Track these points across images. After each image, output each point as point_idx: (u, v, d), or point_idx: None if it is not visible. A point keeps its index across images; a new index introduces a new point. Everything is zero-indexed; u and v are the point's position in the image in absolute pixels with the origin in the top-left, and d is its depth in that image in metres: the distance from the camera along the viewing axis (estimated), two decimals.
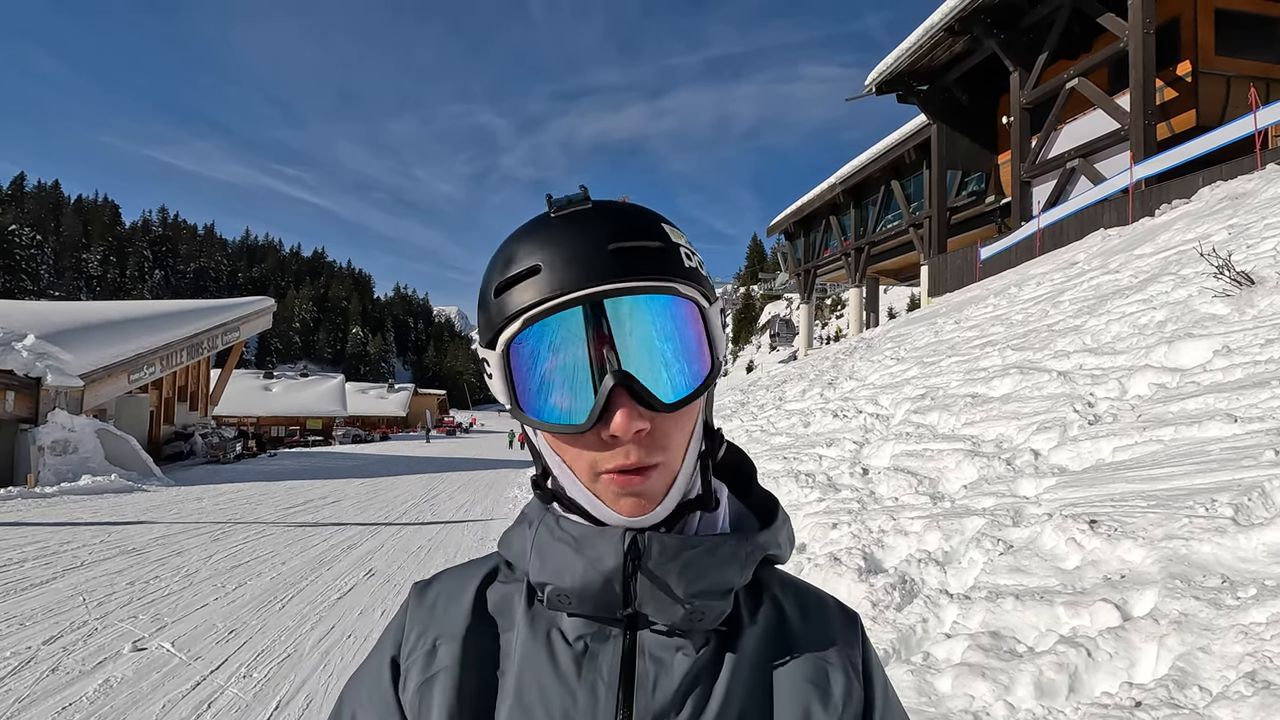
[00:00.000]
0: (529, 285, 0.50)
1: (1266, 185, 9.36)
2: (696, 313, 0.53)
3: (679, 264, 0.52)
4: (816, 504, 5.34)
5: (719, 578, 0.53)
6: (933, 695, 2.59)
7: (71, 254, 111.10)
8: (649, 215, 0.54)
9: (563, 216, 0.53)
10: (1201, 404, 4.17)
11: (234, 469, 21.72)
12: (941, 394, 6.91)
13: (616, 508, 0.52)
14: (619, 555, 0.52)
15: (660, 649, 0.54)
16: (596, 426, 0.50)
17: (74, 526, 9.37)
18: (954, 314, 12.29)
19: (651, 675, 0.53)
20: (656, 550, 0.52)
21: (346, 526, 9.79)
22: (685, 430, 0.54)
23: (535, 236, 0.52)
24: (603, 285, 0.49)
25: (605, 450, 0.51)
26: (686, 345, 0.52)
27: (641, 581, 0.52)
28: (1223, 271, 5.67)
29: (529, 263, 0.51)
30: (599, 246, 0.50)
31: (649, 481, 0.51)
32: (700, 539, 0.54)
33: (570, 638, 0.55)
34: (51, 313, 20.30)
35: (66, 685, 3.79)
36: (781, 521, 0.60)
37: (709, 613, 0.54)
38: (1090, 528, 3.21)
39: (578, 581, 0.52)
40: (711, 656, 0.55)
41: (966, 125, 20.75)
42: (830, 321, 68.49)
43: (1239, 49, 14.92)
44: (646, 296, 0.51)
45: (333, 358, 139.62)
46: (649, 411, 0.50)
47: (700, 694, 0.53)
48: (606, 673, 0.53)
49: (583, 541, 0.53)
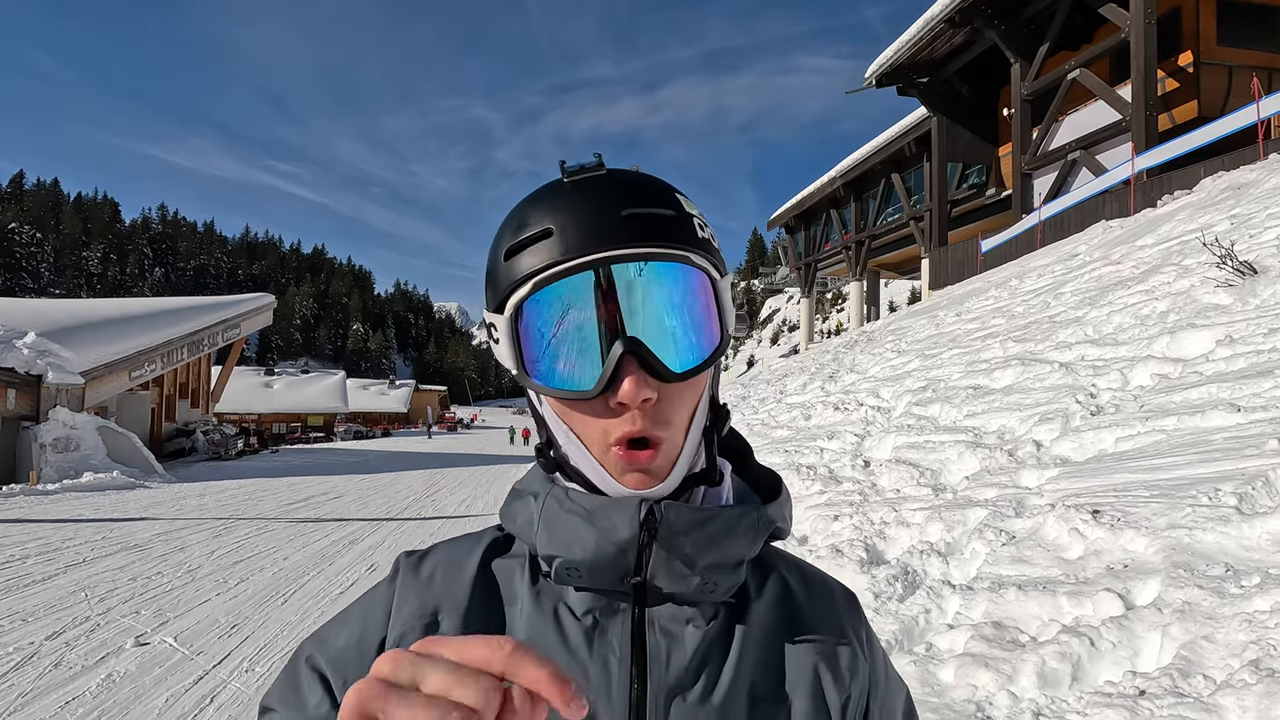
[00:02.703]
0: (540, 248, 0.50)
1: (1269, 175, 9.33)
2: (708, 283, 0.53)
3: (692, 233, 0.52)
4: (818, 496, 5.33)
5: (732, 549, 0.53)
6: (936, 685, 2.59)
7: (71, 252, 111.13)
8: (662, 184, 0.54)
9: (576, 182, 0.52)
10: (1204, 394, 4.15)
11: (235, 465, 21.76)
12: (943, 386, 6.90)
13: (624, 481, 0.51)
14: (634, 526, 0.51)
15: (670, 622, 0.53)
16: (604, 394, 0.49)
17: (76, 523, 9.38)
18: (955, 306, 12.26)
19: (664, 648, 0.53)
20: (673, 520, 0.51)
21: (348, 522, 9.80)
22: (691, 402, 0.53)
23: (548, 201, 0.52)
24: (615, 250, 0.49)
25: (612, 417, 0.50)
26: (696, 315, 0.52)
27: (656, 553, 0.51)
28: (1225, 261, 5.64)
29: (541, 226, 0.50)
30: (612, 212, 0.50)
31: (654, 459, 0.51)
32: (714, 509, 0.53)
33: (578, 612, 0.54)
34: (52, 310, 20.30)
35: (70, 680, 3.79)
36: (785, 497, 0.59)
37: (721, 584, 0.53)
38: (1093, 518, 3.20)
39: (589, 554, 0.51)
40: (721, 629, 0.54)
41: (967, 117, 20.66)
42: (831, 315, 68.48)
43: (1241, 39, 14.85)
44: (658, 264, 0.50)
45: (333, 354, 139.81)
46: (656, 381, 0.49)
47: (714, 666, 0.53)
48: (618, 646, 0.52)
49: (595, 513, 0.51)
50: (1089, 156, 15.62)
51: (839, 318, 64.64)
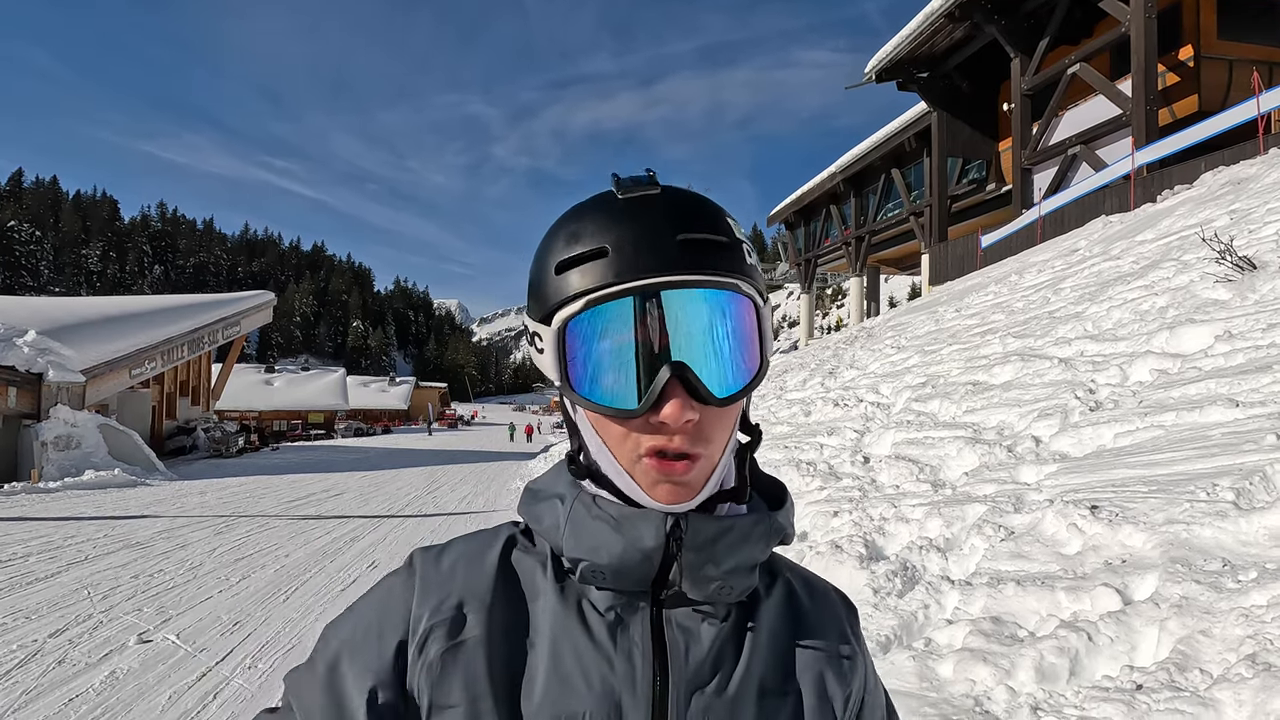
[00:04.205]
0: (594, 267, 0.51)
1: (1269, 170, 9.31)
2: (753, 310, 0.54)
3: (741, 261, 0.53)
4: (818, 492, 5.35)
5: (749, 555, 0.56)
6: (934, 680, 2.60)
7: (71, 250, 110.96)
8: (715, 208, 0.55)
9: (631, 200, 0.53)
10: (1203, 389, 4.16)
11: (236, 463, 21.78)
12: (942, 382, 6.91)
13: (654, 494, 0.53)
14: (660, 537, 0.53)
15: (687, 620, 0.56)
16: (646, 413, 0.50)
17: (78, 521, 9.41)
18: (955, 302, 12.26)
19: (682, 644, 0.55)
20: (697, 531, 0.53)
21: (349, 519, 9.82)
22: (729, 424, 0.55)
23: (602, 217, 0.53)
24: (670, 276, 0.50)
25: (651, 434, 0.51)
26: (741, 342, 0.53)
27: (684, 559, 0.54)
28: (1225, 257, 5.64)
29: (595, 243, 0.51)
30: (668, 236, 0.51)
31: (691, 472, 0.52)
32: (732, 519, 0.55)
33: (601, 608, 0.56)
34: (52, 309, 20.30)
35: (73, 677, 3.81)
36: (791, 505, 0.62)
37: (737, 587, 0.56)
38: (1091, 513, 3.21)
39: (615, 559, 0.53)
40: (734, 627, 0.57)
41: (967, 112, 20.61)
42: (831, 311, 68.38)
43: (1242, 33, 14.79)
44: (711, 291, 0.51)
45: (334, 351, 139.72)
46: (698, 404, 0.51)
47: (729, 662, 0.56)
48: (640, 641, 0.54)
49: (623, 522, 0.53)
50: (1089, 151, 15.59)
51: (839, 313, 64.60)
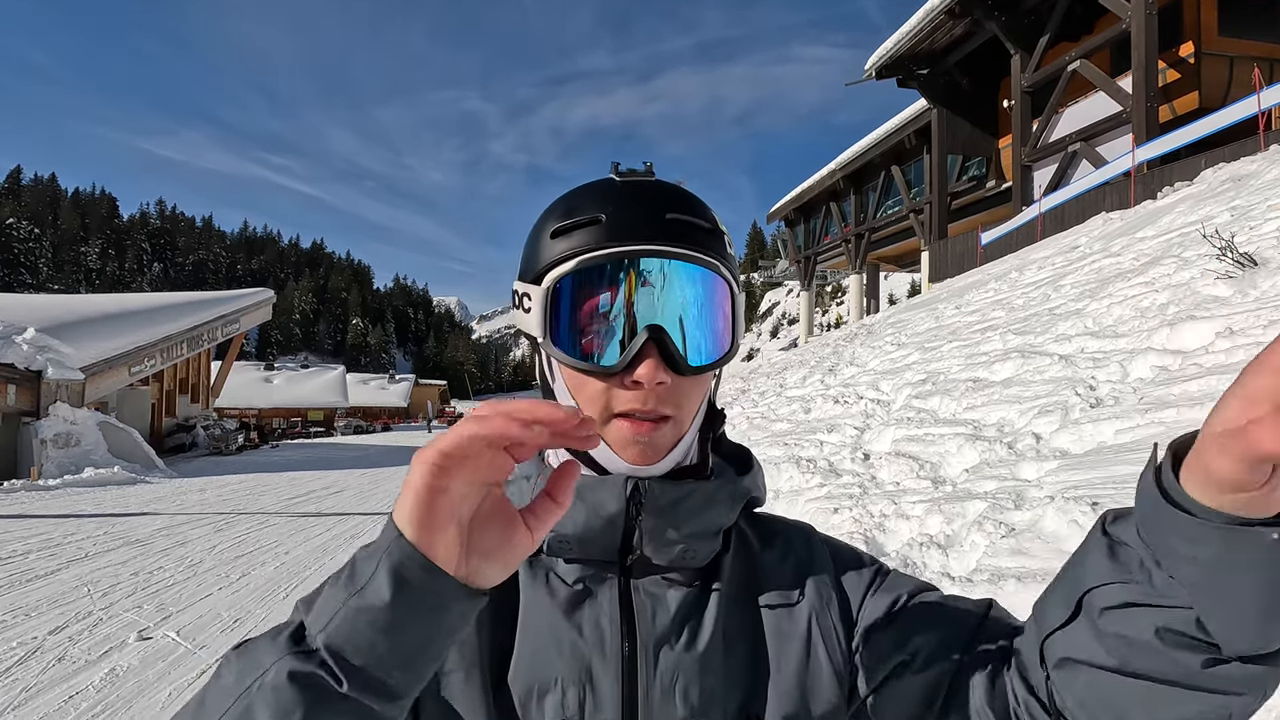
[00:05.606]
0: (588, 231, 0.55)
1: (1270, 166, 9.30)
2: (728, 294, 0.58)
3: (723, 247, 0.58)
4: (818, 489, 5.35)
5: (712, 519, 0.58)
6: None
7: (70, 247, 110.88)
8: (701, 201, 0.60)
9: (627, 182, 0.58)
10: (1203, 386, 4.16)
11: (236, 460, 21.79)
12: (942, 379, 6.91)
13: (624, 455, 0.56)
14: (621, 501, 0.56)
15: (653, 585, 0.59)
16: (622, 373, 0.53)
17: (77, 518, 9.40)
18: (955, 299, 12.26)
19: (649, 607, 0.58)
20: (657, 495, 0.56)
21: (349, 516, 9.83)
22: (698, 396, 0.58)
23: (599, 193, 0.58)
24: (656, 245, 0.54)
25: (625, 395, 0.54)
26: (715, 319, 0.57)
27: (644, 523, 0.56)
28: (1225, 253, 5.63)
29: (591, 213, 0.56)
30: (657, 213, 0.55)
31: (659, 432, 0.55)
32: (695, 484, 0.58)
33: (569, 580, 0.58)
34: (51, 306, 20.28)
35: (73, 674, 3.81)
36: (757, 468, 0.65)
37: (700, 551, 0.58)
38: (1092, 510, 3.21)
39: (579, 528, 0.56)
40: (700, 590, 0.60)
41: (967, 109, 20.57)
42: (830, 308, 68.38)
43: (1242, 30, 14.77)
44: (691, 265, 0.56)
45: (333, 349, 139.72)
46: (671, 371, 0.54)
47: (694, 620, 0.58)
48: (608, 608, 0.57)
49: (584, 490, 0.56)
50: (1089, 148, 15.57)
51: (838, 311, 64.59)
